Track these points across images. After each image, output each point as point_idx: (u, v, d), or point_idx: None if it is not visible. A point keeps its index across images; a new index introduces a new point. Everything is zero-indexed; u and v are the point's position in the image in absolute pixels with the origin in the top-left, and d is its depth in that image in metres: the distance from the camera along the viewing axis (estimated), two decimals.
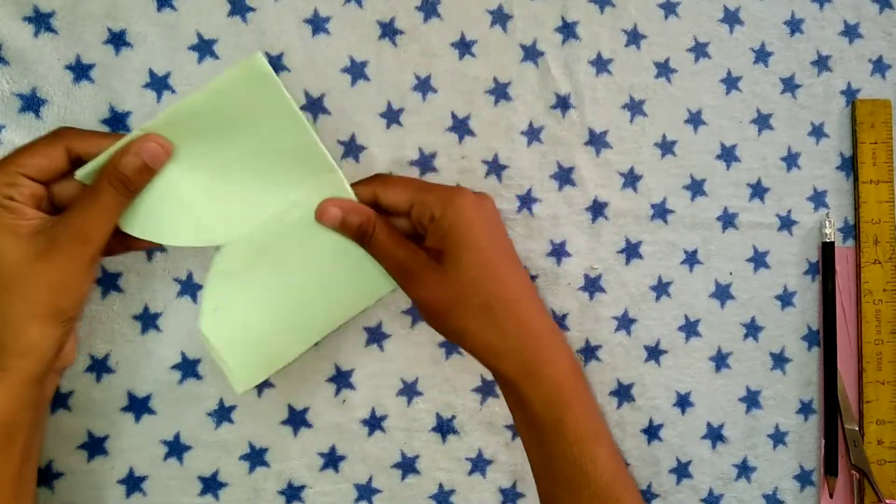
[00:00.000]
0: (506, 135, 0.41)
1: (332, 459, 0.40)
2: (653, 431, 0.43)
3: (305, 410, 0.40)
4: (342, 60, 0.40)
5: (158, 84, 0.38)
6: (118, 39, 0.38)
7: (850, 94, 0.45)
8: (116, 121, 0.38)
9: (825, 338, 0.44)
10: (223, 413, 0.39)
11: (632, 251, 0.43)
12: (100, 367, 0.38)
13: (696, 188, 0.43)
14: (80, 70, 0.37)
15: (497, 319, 0.35)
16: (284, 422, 0.40)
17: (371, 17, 0.40)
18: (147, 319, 0.39)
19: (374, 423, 0.40)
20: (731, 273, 0.44)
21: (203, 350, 0.39)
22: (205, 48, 0.38)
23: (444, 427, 0.41)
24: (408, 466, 0.41)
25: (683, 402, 0.43)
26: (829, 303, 0.44)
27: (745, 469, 0.43)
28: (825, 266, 0.44)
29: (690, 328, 0.43)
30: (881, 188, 0.44)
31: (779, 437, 0.44)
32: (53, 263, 0.31)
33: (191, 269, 0.39)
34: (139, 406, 0.38)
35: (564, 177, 0.42)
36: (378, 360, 0.41)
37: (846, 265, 0.44)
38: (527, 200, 0.42)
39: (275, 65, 0.39)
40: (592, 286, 0.42)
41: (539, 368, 0.36)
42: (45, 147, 0.32)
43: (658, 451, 0.43)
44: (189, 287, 0.39)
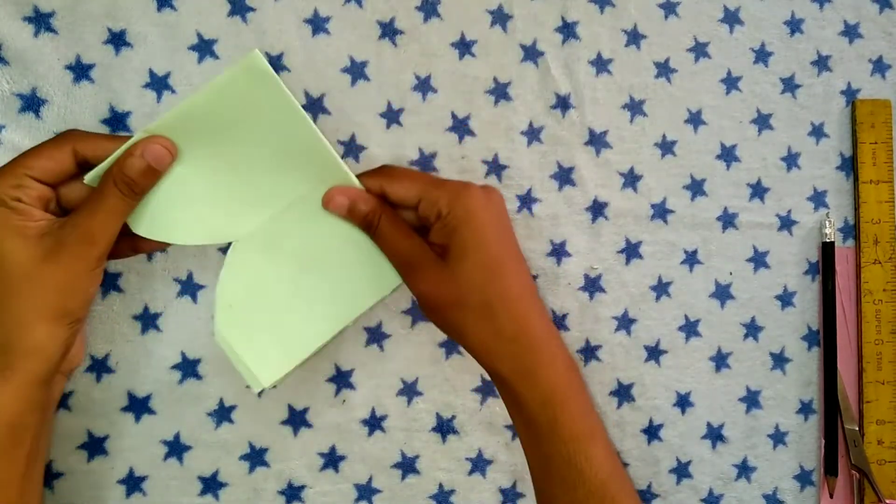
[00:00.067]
0: (506, 135, 0.41)
1: (332, 459, 0.40)
2: (653, 431, 0.43)
3: (305, 410, 0.40)
4: (342, 60, 0.40)
5: (158, 84, 0.38)
6: (118, 39, 0.38)
7: (850, 94, 0.45)
8: (116, 121, 0.38)
9: (825, 338, 0.44)
10: (223, 413, 0.39)
11: (632, 251, 0.43)
12: (100, 367, 0.38)
13: (696, 188, 0.43)
14: (80, 70, 0.37)
15: (496, 319, 0.35)
16: (284, 422, 0.40)
17: (371, 17, 0.40)
18: (147, 319, 0.39)
19: (374, 423, 0.40)
20: (731, 273, 0.44)
21: (203, 350, 0.39)
22: (205, 48, 0.38)
23: (444, 427, 0.41)
24: (408, 466, 0.41)
25: (683, 402, 0.43)
26: (829, 303, 0.44)
27: (745, 469, 0.43)
28: (825, 266, 0.44)
29: (690, 328, 0.43)
30: (881, 188, 0.44)
31: (779, 437, 0.44)
32: (60, 264, 0.31)
33: (191, 269, 0.39)
34: (139, 406, 0.38)
35: (564, 177, 0.42)
36: (378, 360, 0.41)
37: (846, 265, 0.44)
38: (527, 200, 0.42)
39: (275, 65, 0.39)
40: (592, 286, 0.42)
41: (535, 369, 0.36)
42: (52, 150, 0.33)
43: (658, 451, 0.43)
44: (189, 287, 0.39)
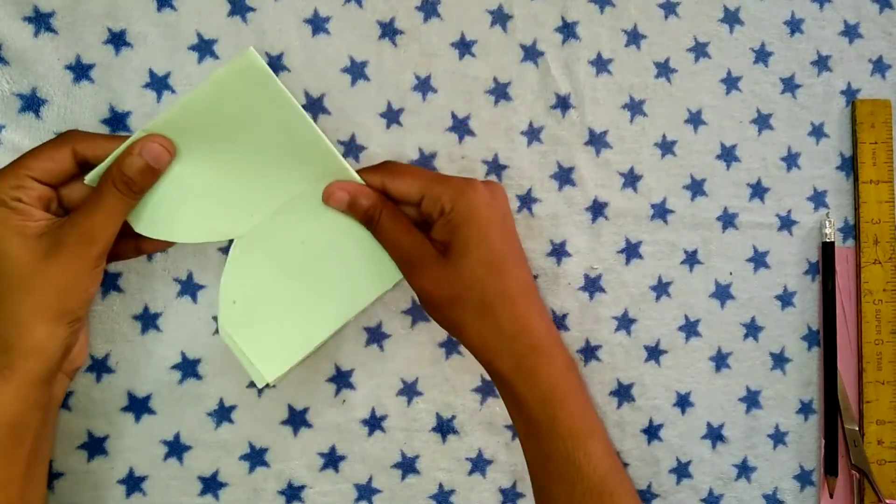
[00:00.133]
0: (506, 135, 0.41)
1: (332, 459, 0.40)
2: (653, 431, 0.43)
3: (305, 410, 0.40)
4: (342, 60, 0.40)
5: (158, 84, 0.38)
6: (118, 39, 0.38)
7: (850, 94, 0.45)
8: (116, 121, 0.38)
9: (825, 338, 0.44)
10: (223, 413, 0.39)
11: (632, 251, 0.43)
12: (100, 367, 0.38)
13: (696, 188, 0.43)
14: (80, 70, 0.37)
15: (496, 317, 0.35)
16: (284, 422, 0.40)
17: (371, 17, 0.40)
18: (147, 319, 0.39)
19: (374, 423, 0.40)
20: (731, 273, 0.44)
21: (203, 350, 0.39)
22: (205, 48, 0.38)
23: (444, 427, 0.41)
24: (408, 466, 0.41)
25: (683, 402, 0.43)
26: (829, 303, 0.44)
27: (745, 469, 0.43)
28: (825, 266, 0.44)
29: (690, 328, 0.43)
30: (881, 188, 0.44)
31: (779, 437, 0.44)
32: (59, 263, 0.31)
33: (191, 269, 0.39)
34: (139, 406, 0.38)
35: (564, 177, 0.42)
36: (378, 360, 0.41)
37: (846, 265, 0.44)
38: (527, 200, 0.42)
39: (275, 65, 0.39)
40: (592, 286, 0.42)
41: (534, 368, 0.36)
42: (52, 150, 0.33)
43: (658, 451, 0.43)
44: (189, 287, 0.39)
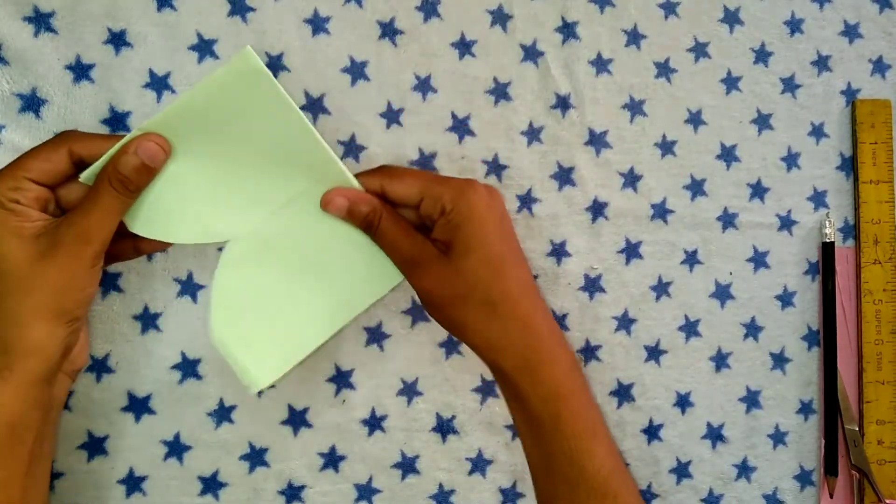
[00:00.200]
0: (506, 135, 0.41)
1: (332, 459, 0.40)
2: (653, 431, 0.43)
3: (305, 410, 0.40)
4: (342, 60, 0.40)
5: (158, 84, 0.38)
6: (118, 39, 0.38)
7: (850, 94, 0.45)
8: (116, 121, 0.38)
9: (825, 338, 0.44)
10: (223, 413, 0.39)
11: (632, 251, 0.43)
12: (100, 367, 0.38)
13: (696, 188, 0.43)
14: (80, 70, 0.37)
15: (499, 316, 0.35)
16: (284, 422, 0.40)
17: (371, 17, 0.40)
18: (147, 319, 0.39)
19: (374, 423, 0.40)
20: (731, 273, 0.44)
21: (203, 350, 0.39)
22: (205, 48, 0.38)
23: (444, 427, 0.41)
24: (408, 466, 0.41)
25: (683, 402, 0.43)
26: (829, 303, 0.44)
27: (745, 469, 0.43)
28: (825, 266, 0.44)
29: (690, 328, 0.43)
30: (881, 188, 0.44)
31: (779, 437, 0.44)
32: (57, 264, 0.31)
33: (191, 269, 0.39)
34: (139, 406, 0.38)
35: (564, 177, 0.42)
36: (378, 360, 0.41)
37: (846, 265, 0.44)
38: (527, 200, 0.42)
39: (275, 65, 0.39)
40: (592, 286, 0.42)
41: (538, 366, 0.36)
42: (48, 151, 0.33)
43: (658, 451, 0.43)
44: (189, 287, 0.39)
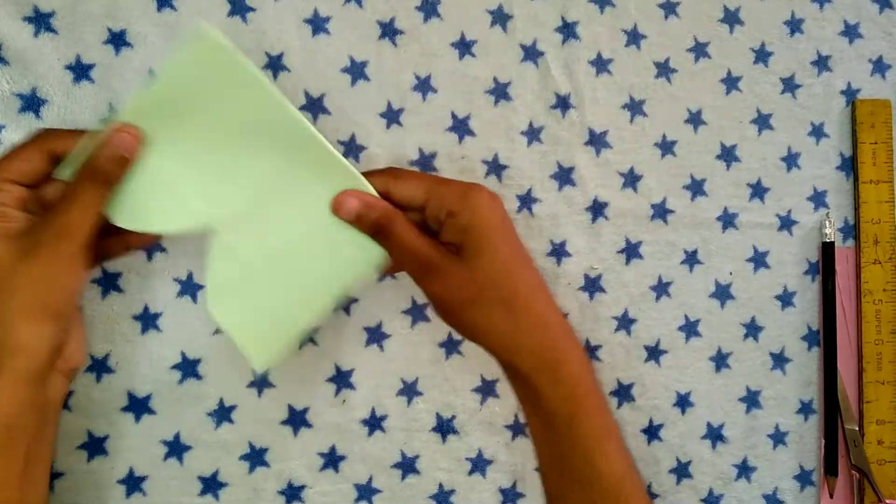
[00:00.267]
0: (506, 135, 0.41)
1: (332, 459, 0.40)
2: (653, 431, 0.43)
3: (305, 410, 0.40)
4: (342, 60, 0.40)
5: None
6: (118, 39, 0.38)
7: (850, 94, 0.45)
8: None
9: (825, 338, 0.44)
10: (223, 413, 0.39)
11: (632, 251, 0.43)
12: (100, 367, 0.38)
13: (696, 188, 0.43)
14: (80, 70, 0.37)
15: (515, 315, 0.35)
16: (284, 422, 0.40)
17: (371, 17, 0.40)
18: (147, 319, 0.39)
19: (374, 423, 0.40)
20: (731, 273, 0.44)
21: (203, 350, 0.39)
22: None
23: (444, 427, 0.41)
24: (408, 466, 0.41)
25: (683, 402, 0.43)
26: (829, 303, 0.44)
27: (745, 469, 0.43)
28: (825, 266, 0.44)
29: (690, 328, 0.43)
30: (881, 188, 0.44)
31: (779, 437, 0.44)
32: (38, 260, 0.31)
33: (191, 269, 0.39)
34: (139, 406, 0.38)
35: (564, 177, 0.42)
36: (378, 360, 0.41)
37: (846, 265, 0.44)
38: (527, 200, 0.42)
39: (275, 65, 0.39)
40: (592, 286, 0.42)
41: (555, 365, 0.36)
42: (25, 151, 0.33)
43: (658, 451, 0.43)
44: (189, 287, 0.39)
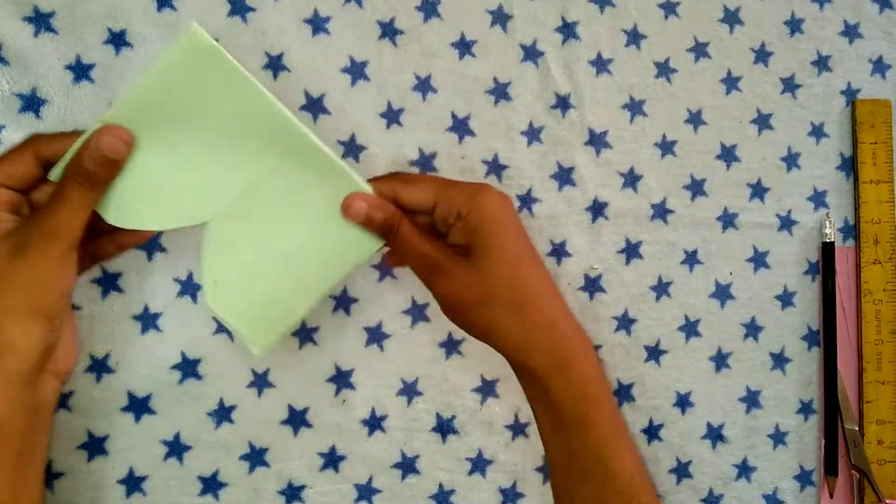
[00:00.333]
0: (506, 135, 0.41)
1: (332, 459, 0.40)
2: (653, 431, 0.43)
3: (305, 410, 0.40)
4: (342, 60, 0.40)
5: None
6: (118, 39, 0.38)
7: (850, 94, 0.45)
8: None
9: (825, 338, 0.44)
10: (223, 413, 0.39)
11: (632, 251, 0.43)
12: (100, 367, 0.38)
13: (696, 188, 0.43)
14: (80, 70, 0.37)
15: (526, 315, 0.35)
16: (284, 422, 0.40)
17: (371, 17, 0.40)
18: (147, 319, 0.39)
19: (374, 423, 0.40)
20: (731, 273, 0.44)
21: (203, 350, 0.39)
22: None
23: (444, 427, 0.41)
24: (408, 466, 0.41)
25: (683, 402, 0.43)
26: (829, 303, 0.44)
27: (745, 469, 0.43)
28: (825, 266, 0.44)
29: (690, 328, 0.43)
30: (881, 188, 0.44)
31: (779, 437, 0.44)
32: (26, 262, 0.31)
33: (191, 269, 0.39)
34: (139, 406, 0.38)
35: (564, 177, 0.42)
36: (378, 360, 0.41)
37: (846, 265, 0.44)
38: (527, 200, 0.42)
39: (275, 65, 0.39)
40: (592, 286, 0.42)
41: (567, 364, 0.36)
42: (15, 155, 0.33)
43: (658, 451, 0.43)
44: (189, 287, 0.39)
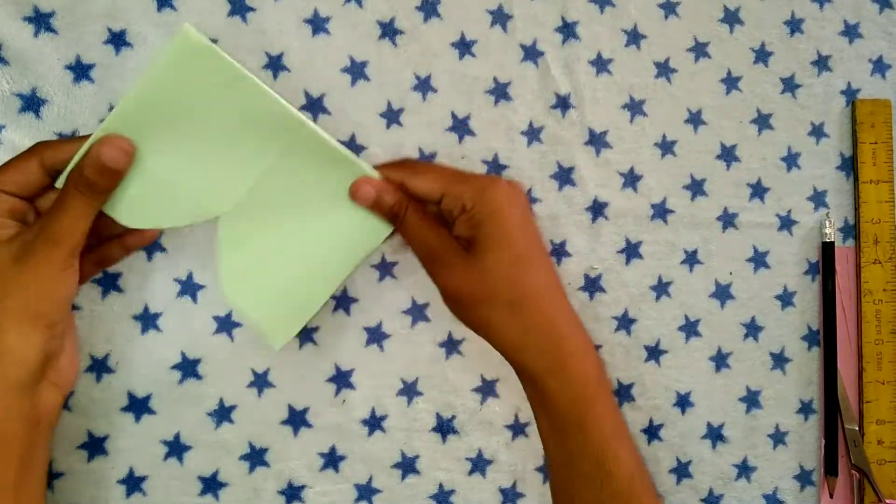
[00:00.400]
0: (506, 135, 0.41)
1: (332, 459, 0.40)
2: (653, 431, 0.43)
3: (305, 410, 0.40)
4: (342, 60, 0.40)
5: None
6: (118, 39, 0.38)
7: (850, 94, 0.45)
8: None
9: (825, 338, 0.44)
10: (223, 413, 0.39)
11: (632, 251, 0.43)
12: (100, 367, 0.38)
13: (696, 188, 0.43)
14: (80, 70, 0.37)
15: (524, 314, 0.35)
16: (284, 422, 0.40)
17: (371, 17, 0.40)
18: (147, 319, 0.39)
19: (374, 423, 0.40)
20: (731, 273, 0.44)
21: (203, 350, 0.39)
22: None
23: (444, 427, 0.41)
24: (408, 466, 0.41)
25: (683, 402, 0.43)
26: (829, 303, 0.44)
27: (745, 469, 0.43)
28: (825, 266, 0.44)
29: (690, 328, 0.43)
30: (881, 188, 0.44)
31: (779, 437, 0.44)
32: (28, 268, 0.31)
33: (191, 269, 0.39)
34: (139, 406, 0.38)
35: (564, 177, 0.42)
36: (378, 360, 0.41)
37: (846, 265, 0.44)
38: None
39: (275, 65, 0.39)
40: (592, 286, 0.42)
41: (564, 365, 0.35)
42: (20, 162, 0.33)
43: (658, 451, 0.43)
44: (189, 287, 0.39)
